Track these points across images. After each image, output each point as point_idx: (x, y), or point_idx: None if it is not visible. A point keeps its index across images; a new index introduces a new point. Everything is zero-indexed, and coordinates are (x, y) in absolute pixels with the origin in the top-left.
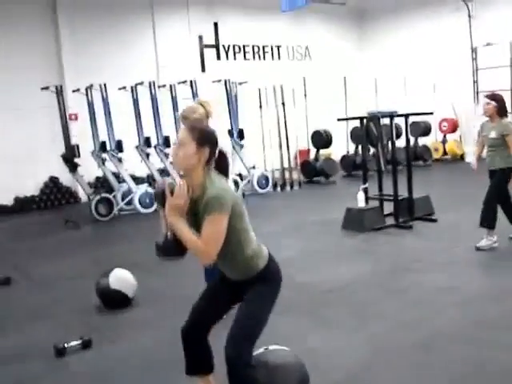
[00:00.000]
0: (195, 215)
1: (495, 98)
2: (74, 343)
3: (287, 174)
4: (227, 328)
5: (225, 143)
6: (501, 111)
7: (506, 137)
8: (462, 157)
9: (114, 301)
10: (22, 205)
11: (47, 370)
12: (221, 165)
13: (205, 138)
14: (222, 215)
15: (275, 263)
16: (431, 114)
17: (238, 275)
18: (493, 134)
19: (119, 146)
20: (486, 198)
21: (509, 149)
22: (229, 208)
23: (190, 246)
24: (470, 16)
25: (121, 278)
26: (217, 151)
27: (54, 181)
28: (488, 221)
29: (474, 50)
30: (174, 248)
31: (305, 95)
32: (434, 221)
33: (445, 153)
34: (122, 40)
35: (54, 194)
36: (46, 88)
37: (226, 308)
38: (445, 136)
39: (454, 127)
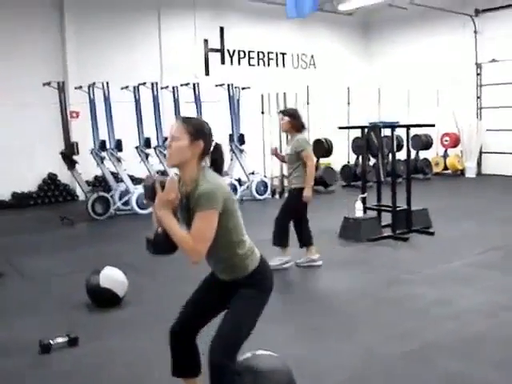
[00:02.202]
0: (188, 211)
1: (289, 113)
2: (60, 340)
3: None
4: (213, 329)
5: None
6: (297, 126)
7: (300, 153)
8: (462, 172)
9: (104, 299)
10: (20, 200)
11: (31, 366)
12: (215, 159)
13: (199, 131)
14: (212, 211)
15: (267, 268)
16: (433, 125)
17: (226, 275)
18: (288, 150)
19: (119, 146)
20: (276, 217)
21: (304, 165)
22: (219, 204)
23: (179, 242)
24: (475, 32)
25: (111, 277)
26: (212, 145)
27: (52, 177)
28: (279, 240)
29: (478, 66)
30: (164, 243)
31: (307, 103)
32: (431, 234)
33: (445, 167)
34: (127, 40)
35: (52, 191)
36: (48, 83)
37: (213, 312)
38: (446, 151)
39: (455, 142)
